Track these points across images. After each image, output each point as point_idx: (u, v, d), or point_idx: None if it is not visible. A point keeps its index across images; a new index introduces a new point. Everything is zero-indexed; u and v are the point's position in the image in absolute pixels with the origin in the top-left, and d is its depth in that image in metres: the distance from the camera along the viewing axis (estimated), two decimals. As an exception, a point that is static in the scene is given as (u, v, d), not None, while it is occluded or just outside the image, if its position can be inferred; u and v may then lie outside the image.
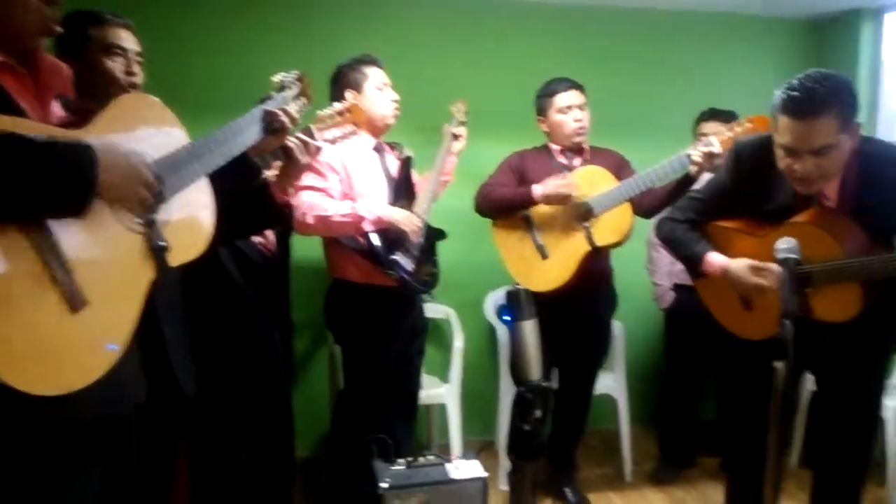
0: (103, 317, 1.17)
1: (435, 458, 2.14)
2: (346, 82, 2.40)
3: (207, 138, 1.44)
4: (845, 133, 1.60)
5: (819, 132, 1.58)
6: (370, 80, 2.41)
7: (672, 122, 3.21)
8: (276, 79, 1.78)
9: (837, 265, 1.67)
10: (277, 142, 1.66)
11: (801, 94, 1.58)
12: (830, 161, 1.63)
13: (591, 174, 2.60)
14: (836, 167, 1.67)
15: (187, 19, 3.04)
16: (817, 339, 1.79)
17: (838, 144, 1.61)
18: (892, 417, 2.68)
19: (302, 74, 1.80)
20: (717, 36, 3.64)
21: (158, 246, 1.28)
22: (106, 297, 1.18)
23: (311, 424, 2.85)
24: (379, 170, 2.44)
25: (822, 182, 1.68)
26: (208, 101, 2.67)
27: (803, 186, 1.69)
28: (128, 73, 1.58)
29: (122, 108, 1.31)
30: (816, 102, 1.56)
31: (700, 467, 3.19)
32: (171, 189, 1.33)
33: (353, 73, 2.41)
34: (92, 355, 1.16)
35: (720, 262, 1.89)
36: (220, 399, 2.11)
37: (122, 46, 1.59)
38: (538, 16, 3.40)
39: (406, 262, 2.34)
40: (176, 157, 1.35)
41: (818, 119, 1.57)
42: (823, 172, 1.64)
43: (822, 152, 1.60)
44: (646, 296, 3.23)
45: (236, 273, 2.12)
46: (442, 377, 3.19)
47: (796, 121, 1.59)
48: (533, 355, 1.33)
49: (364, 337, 2.41)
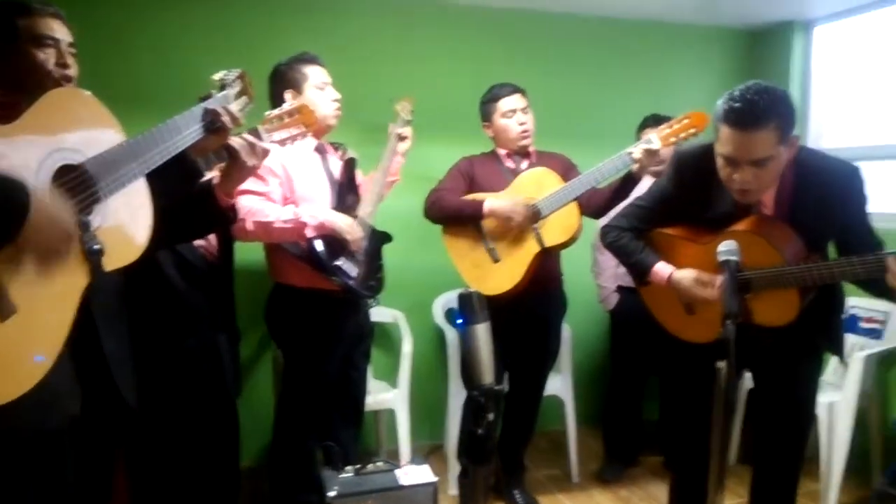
0: (34, 325, 1.11)
1: (384, 465, 2.11)
2: (284, 82, 2.33)
3: (145, 136, 1.37)
4: (783, 145, 1.65)
5: (759, 144, 1.61)
6: (310, 80, 2.34)
7: (618, 127, 3.27)
8: (216, 77, 1.72)
9: (776, 272, 1.72)
10: (218, 141, 1.60)
11: (742, 106, 1.61)
12: (768, 172, 1.67)
13: (539, 176, 2.63)
14: (773, 178, 1.72)
15: (121, 12, 2.92)
16: (756, 341, 1.85)
17: (777, 156, 1.65)
18: (825, 414, 2.80)
19: (243, 72, 1.75)
20: (660, 44, 3.74)
21: (93, 250, 1.22)
22: (36, 303, 1.11)
23: (254, 432, 2.77)
24: (321, 172, 2.38)
25: (759, 192, 1.73)
26: (144, 98, 2.58)
27: (742, 196, 1.73)
28: (60, 65, 1.49)
29: (52, 104, 1.23)
30: (757, 115, 1.60)
31: (644, 466, 3.27)
32: (107, 190, 1.26)
33: (291, 73, 2.34)
34: (21, 366, 1.10)
35: (667, 273, 1.93)
36: (163, 408, 2.03)
37: (53, 37, 1.49)
38: (484, 20, 3.42)
39: (350, 268, 2.30)
40: (112, 155, 1.28)
41: (759, 131, 1.60)
42: (761, 183, 1.69)
43: (761, 163, 1.64)
44: (591, 298, 3.29)
45: (178, 279, 2.05)
46: (390, 382, 3.16)
47: (737, 131, 1.62)
48: (486, 359, 1.33)
49: (306, 341, 2.36)
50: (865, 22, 3.44)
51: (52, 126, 1.21)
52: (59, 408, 1.28)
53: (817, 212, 1.75)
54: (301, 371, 2.39)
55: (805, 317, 1.77)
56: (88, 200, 1.23)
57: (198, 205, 1.65)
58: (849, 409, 2.77)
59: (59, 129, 1.21)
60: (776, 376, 1.95)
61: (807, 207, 1.76)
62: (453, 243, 2.69)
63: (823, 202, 1.74)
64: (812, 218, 1.76)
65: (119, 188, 1.30)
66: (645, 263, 1.98)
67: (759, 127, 1.60)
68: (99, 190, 1.24)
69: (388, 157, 2.54)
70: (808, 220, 1.76)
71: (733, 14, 3.60)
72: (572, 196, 2.51)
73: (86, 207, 1.23)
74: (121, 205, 1.31)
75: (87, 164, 1.23)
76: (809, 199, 1.75)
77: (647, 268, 1.97)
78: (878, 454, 2.98)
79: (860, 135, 3.50)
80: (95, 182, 1.23)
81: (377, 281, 2.47)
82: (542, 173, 2.63)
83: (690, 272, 1.89)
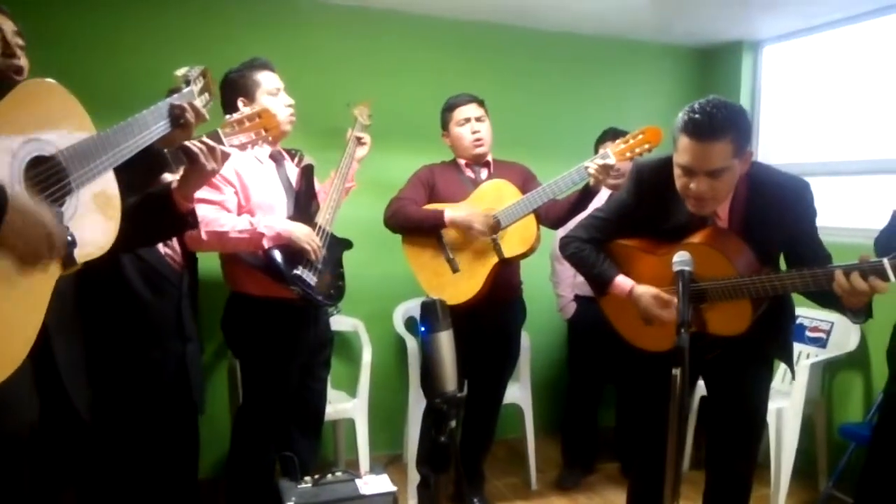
0: (7, 320, 1.09)
1: (343, 475, 2.10)
2: (236, 90, 2.28)
3: (115, 130, 1.37)
4: (738, 158, 1.71)
5: (715, 155, 1.67)
6: (262, 86, 2.30)
7: (576, 139, 3.34)
8: (179, 73, 1.71)
9: (730, 283, 1.77)
10: (184, 136, 1.60)
11: (701, 118, 1.66)
12: (723, 183, 1.72)
13: (498, 187, 2.66)
14: (727, 190, 1.77)
15: (75, 18, 2.85)
16: (709, 350, 1.91)
17: (732, 168, 1.71)
18: (773, 420, 2.89)
19: (205, 69, 1.74)
20: (617, 60, 3.83)
21: (66, 241, 1.20)
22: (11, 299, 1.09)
23: (210, 444, 2.71)
24: (276, 180, 2.35)
25: (713, 203, 1.78)
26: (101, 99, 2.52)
27: (697, 206, 1.78)
28: (7, 55, 1.45)
29: (24, 95, 1.21)
30: (715, 127, 1.65)
31: (601, 472, 3.31)
32: (78, 182, 1.25)
33: (242, 80, 2.29)
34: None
35: (628, 287, 1.97)
36: (121, 421, 1.96)
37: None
38: (447, 32, 3.45)
39: (309, 276, 2.26)
40: (83, 147, 1.28)
41: (715, 142, 1.66)
42: (715, 194, 1.74)
43: (716, 174, 1.69)
44: (550, 307, 3.33)
45: (143, 287, 1.99)
46: (349, 391, 3.14)
47: (695, 142, 1.68)
48: (449, 366, 1.33)
49: (264, 350, 2.32)
50: (812, 43, 3.59)
51: (24, 118, 1.19)
52: (18, 412, 1.24)
53: (769, 224, 1.81)
54: (259, 381, 2.35)
55: (757, 327, 1.83)
56: (61, 192, 1.22)
57: (158, 209, 1.63)
58: (796, 415, 2.86)
59: (30, 121, 1.20)
60: (728, 384, 2.00)
61: (760, 220, 1.82)
62: (413, 253, 2.69)
63: (775, 215, 1.80)
64: (764, 230, 1.82)
65: (90, 180, 1.29)
66: (606, 276, 2.01)
67: (716, 138, 1.66)
68: (71, 181, 1.23)
69: (346, 162, 2.52)
70: (761, 232, 1.82)
71: (687, 33, 3.72)
72: (531, 208, 2.55)
73: (59, 199, 1.22)
74: (91, 197, 1.30)
75: (59, 156, 1.22)
76: (762, 212, 1.81)
77: (607, 280, 2.01)
78: (824, 459, 3.09)
79: (806, 151, 3.65)
80: (68, 174, 1.22)
81: (337, 289, 2.44)
82: (502, 185, 2.66)
83: (650, 290, 1.93)
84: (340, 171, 2.49)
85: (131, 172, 1.42)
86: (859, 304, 1.62)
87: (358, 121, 2.62)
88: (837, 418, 3.17)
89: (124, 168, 1.39)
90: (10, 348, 1.11)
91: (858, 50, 3.34)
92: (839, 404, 3.21)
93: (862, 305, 1.63)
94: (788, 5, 3.19)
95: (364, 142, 2.60)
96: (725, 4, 3.18)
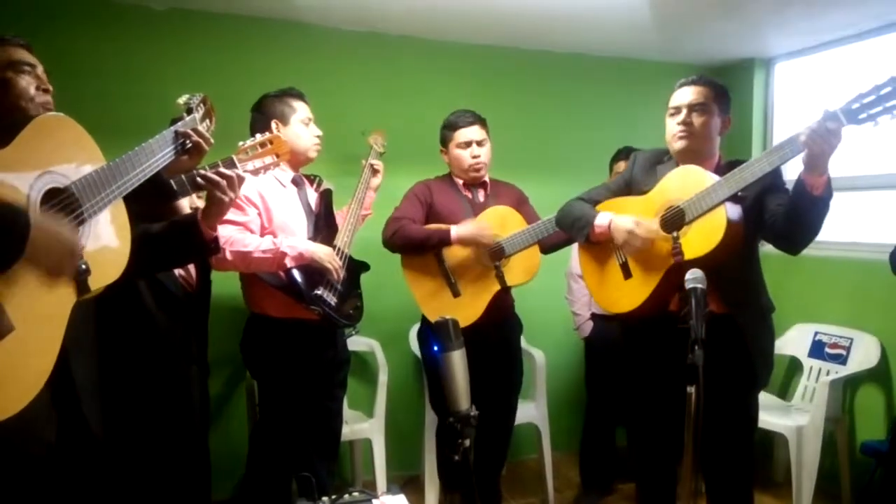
0: (29, 343, 1.13)
1: (360, 495, 2.09)
2: (271, 112, 2.37)
3: (123, 159, 1.43)
4: (717, 105, 2.07)
5: (697, 93, 2.08)
6: (297, 114, 2.40)
7: (588, 160, 3.36)
8: (181, 101, 1.78)
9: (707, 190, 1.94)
10: (191, 163, 1.66)
11: (691, 75, 2.16)
12: (701, 122, 2.06)
13: (502, 215, 2.66)
14: (706, 128, 2.06)
15: (92, 43, 2.92)
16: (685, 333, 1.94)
17: (710, 108, 2.06)
18: (795, 439, 2.85)
19: (205, 97, 1.82)
20: (628, 80, 3.85)
21: (80, 269, 1.25)
22: (31, 322, 1.13)
23: (228, 465, 2.74)
24: (297, 203, 2.41)
25: (691, 140, 2.06)
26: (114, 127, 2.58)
27: (679, 141, 2.07)
28: (43, 91, 1.52)
29: (39, 129, 1.27)
30: (696, 77, 2.14)
31: (619, 493, 3.28)
32: (91, 211, 1.31)
33: (280, 105, 2.39)
34: (17, 383, 1.11)
35: (607, 221, 2.13)
36: (130, 440, 2.00)
37: (29, 62, 1.53)
38: (457, 56, 3.50)
39: (330, 297, 2.30)
40: (94, 178, 1.33)
41: (696, 85, 2.10)
42: (693, 130, 2.06)
43: (696, 108, 2.06)
44: (566, 326, 3.33)
45: (155, 308, 2.03)
46: (366, 412, 3.15)
47: (684, 86, 2.11)
48: (461, 385, 1.35)
49: (282, 371, 2.35)
50: (823, 60, 3.60)
51: (41, 151, 1.25)
52: (36, 431, 1.28)
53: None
54: (277, 401, 2.38)
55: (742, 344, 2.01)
56: (75, 222, 1.27)
57: (182, 234, 1.68)
58: (816, 432, 2.83)
59: (46, 154, 1.26)
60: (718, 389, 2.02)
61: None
62: (413, 274, 2.67)
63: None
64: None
65: (101, 209, 1.34)
66: (588, 216, 2.19)
67: (699, 83, 2.10)
68: (84, 211, 1.28)
69: (362, 188, 2.57)
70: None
71: (697, 52, 3.74)
72: (536, 238, 2.57)
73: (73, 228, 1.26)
74: (103, 226, 1.35)
75: (72, 187, 1.27)
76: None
77: (590, 220, 2.17)
78: (847, 477, 3.04)
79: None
80: (81, 204, 1.27)
81: (356, 310, 2.47)
82: (506, 212, 2.66)
83: (630, 217, 2.09)
84: (357, 197, 2.53)
85: (139, 201, 1.47)
86: (821, 151, 1.81)
87: (373, 149, 2.66)
88: (860, 436, 3.12)
89: (132, 197, 1.44)
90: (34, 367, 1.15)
91: (869, 66, 3.34)
92: (861, 421, 3.16)
93: (825, 159, 1.83)
94: (797, 23, 3.20)
95: (378, 169, 2.64)
96: (730, 23, 3.19)
